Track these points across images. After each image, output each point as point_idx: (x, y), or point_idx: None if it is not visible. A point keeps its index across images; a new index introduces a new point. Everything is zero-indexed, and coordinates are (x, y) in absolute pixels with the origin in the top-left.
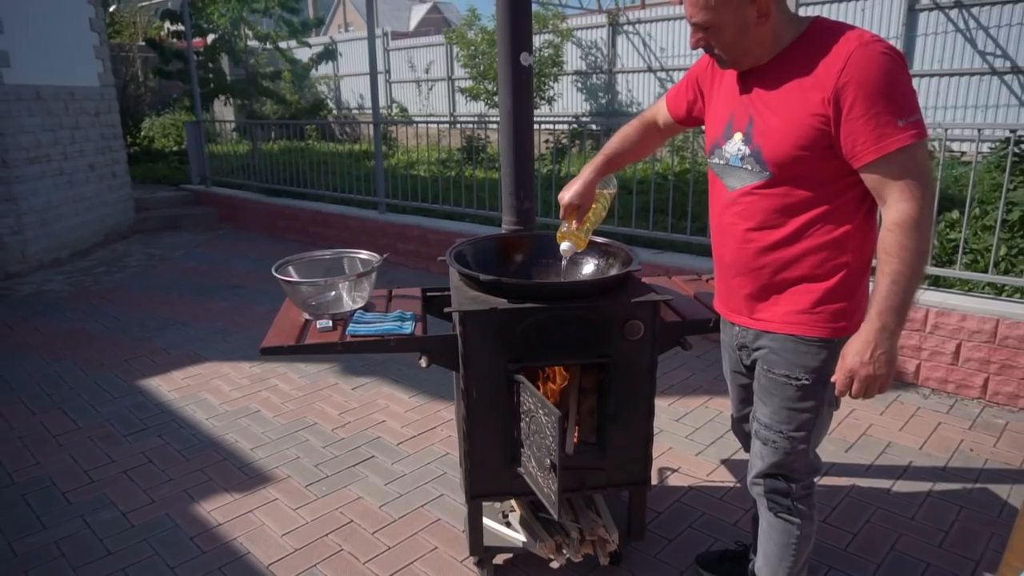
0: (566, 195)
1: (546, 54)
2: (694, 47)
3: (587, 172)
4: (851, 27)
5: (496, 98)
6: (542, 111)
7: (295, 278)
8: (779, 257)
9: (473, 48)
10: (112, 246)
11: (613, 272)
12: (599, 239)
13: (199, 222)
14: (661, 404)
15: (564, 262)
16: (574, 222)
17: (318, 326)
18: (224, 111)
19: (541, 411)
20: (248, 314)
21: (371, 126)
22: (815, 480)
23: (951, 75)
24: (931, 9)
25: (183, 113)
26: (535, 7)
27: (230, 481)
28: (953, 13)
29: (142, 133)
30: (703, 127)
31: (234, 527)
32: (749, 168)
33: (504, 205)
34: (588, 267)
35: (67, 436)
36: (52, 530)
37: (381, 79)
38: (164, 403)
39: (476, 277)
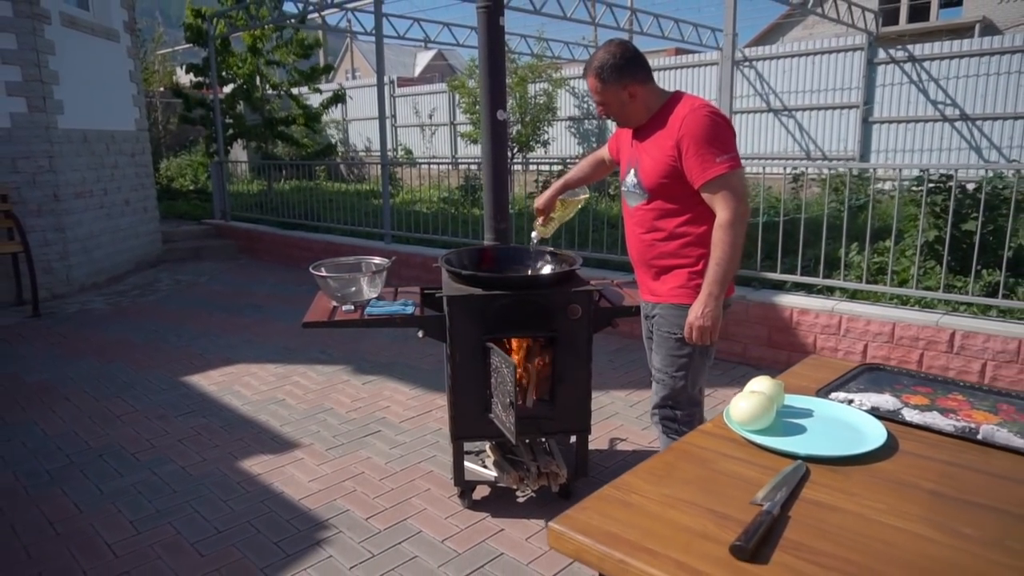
0: (537, 202)
1: (541, 101)
2: (599, 115)
3: (551, 190)
4: (694, 97)
5: None
6: (537, 153)
7: (327, 274)
8: (662, 251)
9: (473, 97)
10: (143, 273)
11: (561, 270)
12: (560, 251)
13: (220, 253)
14: (620, 395)
15: (535, 242)
16: (541, 219)
17: (343, 309)
18: (239, 153)
19: (504, 366)
20: (270, 327)
21: (379, 167)
22: (696, 411)
23: (907, 121)
24: (888, 63)
25: (199, 155)
26: (530, 59)
27: (265, 447)
28: (907, 66)
29: (160, 173)
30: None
31: (270, 476)
32: (638, 193)
33: (485, 226)
34: (545, 267)
35: (128, 416)
36: (127, 477)
37: (388, 123)
38: (204, 393)
39: (459, 272)
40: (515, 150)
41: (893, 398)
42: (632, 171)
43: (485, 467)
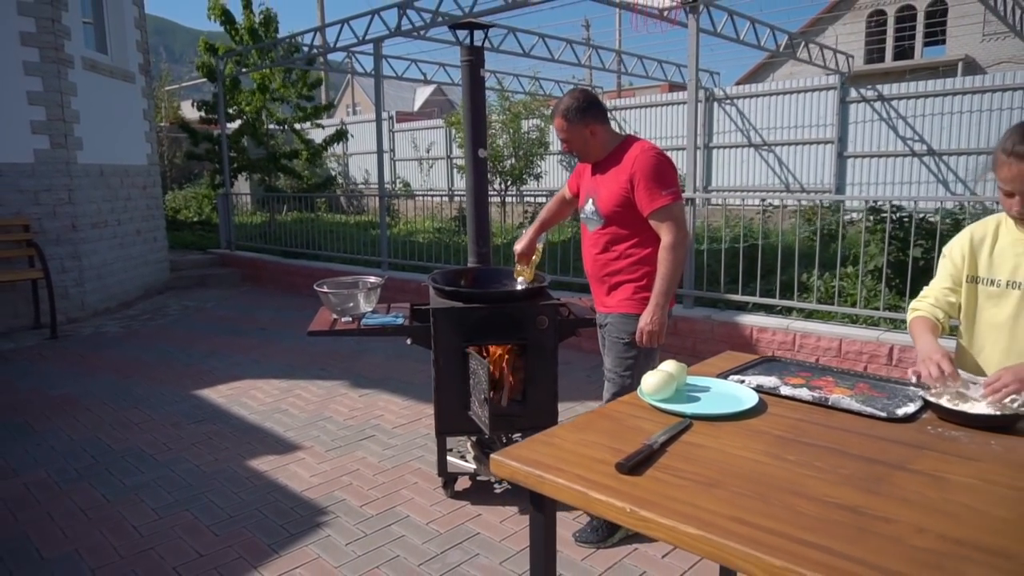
0: (517, 247)
1: (533, 136)
2: (564, 151)
3: (529, 233)
4: (644, 141)
5: (489, 175)
6: (530, 186)
7: (329, 290)
8: (613, 268)
9: None
10: (152, 299)
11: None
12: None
13: (224, 280)
14: (593, 405)
15: (521, 287)
16: (522, 264)
17: (343, 320)
18: (242, 186)
19: (480, 368)
20: (274, 347)
21: (377, 199)
22: None
23: (878, 156)
24: (859, 101)
25: (204, 188)
26: (522, 96)
27: (270, 448)
28: (877, 105)
29: (166, 205)
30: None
31: (276, 472)
32: (595, 219)
33: (469, 250)
34: (518, 284)
35: (145, 423)
36: (147, 474)
37: (386, 157)
38: (215, 405)
39: (443, 289)
40: (508, 183)
41: (777, 379)
42: (591, 200)
43: (465, 460)
